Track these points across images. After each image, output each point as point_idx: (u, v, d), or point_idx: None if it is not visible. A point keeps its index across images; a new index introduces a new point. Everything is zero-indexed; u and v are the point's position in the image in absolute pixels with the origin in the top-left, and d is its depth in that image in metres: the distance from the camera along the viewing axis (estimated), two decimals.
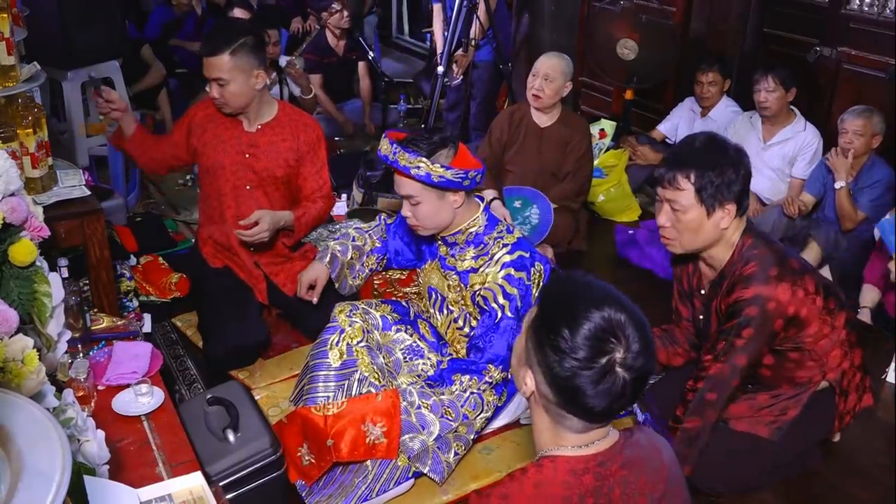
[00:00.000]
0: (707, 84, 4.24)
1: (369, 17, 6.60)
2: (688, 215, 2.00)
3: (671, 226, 2.05)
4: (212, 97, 2.62)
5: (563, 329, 1.16)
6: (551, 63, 3.58)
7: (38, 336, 1.47)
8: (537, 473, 1.22)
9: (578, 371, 1.14)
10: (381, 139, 2.16)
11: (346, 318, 2.27)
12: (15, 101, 2.28)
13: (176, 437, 1.71)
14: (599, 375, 1.14)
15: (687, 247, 2.07)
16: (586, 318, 1.15)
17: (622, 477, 1.23)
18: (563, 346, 1.15)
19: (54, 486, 0.95)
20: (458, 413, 2.11)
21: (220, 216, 2.79)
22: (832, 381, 2.18)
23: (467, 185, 2.12)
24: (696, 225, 2.01)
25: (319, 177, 2.81)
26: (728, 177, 1.96)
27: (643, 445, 1.29)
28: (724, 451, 2.15)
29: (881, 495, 2.26)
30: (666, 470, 1.29)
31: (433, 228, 2.22)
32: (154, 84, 5.03)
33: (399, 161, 2.08)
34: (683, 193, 1.99)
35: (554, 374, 1.17)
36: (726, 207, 1.99)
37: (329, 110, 5.19)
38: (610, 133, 4.69)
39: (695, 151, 2.01)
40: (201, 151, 2.74)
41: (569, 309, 1.17)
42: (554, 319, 1.18)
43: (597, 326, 1.14)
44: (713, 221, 2.00)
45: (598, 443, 1.24)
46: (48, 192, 2.35)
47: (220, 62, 2.53)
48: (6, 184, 1.48)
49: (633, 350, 1.15)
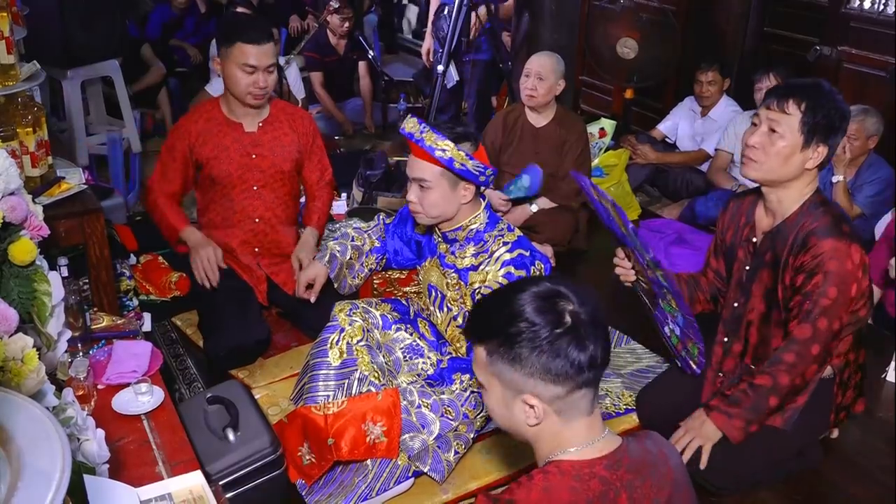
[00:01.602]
0: (707, 83, 4.24)
1: (369, 16, 6.61)
2: (784, 140, 2.01)
3: (761, 148, 2.05)
4: (257, 88, 2.60)
5: (512, 329, 1.19)
6: (542, 62, 3.59)
7: (37, 335, 1.47)
8: (544, 479, 1.22)
9: (555, 341, 1.18)
10: (406, 119, 2.15)
11: (346, 317, 2.27)
12: (15, 100, 2.28)
13: (176, 437, 1.71)
14: (573, 333, 1.19)
15: (767, 174, 2.07)
16: (520, 305, 1.20)
17: (628, 481, 1.23)
18: (527, 336, 1.18)
19: (54, 484, 0.95)
20: (459, 412, 2.11)
21: (223, 220, 2.79)
22: (835, 369, 2.18)
23: (483, 180, 2.14)
24: (788, 153, 2.02)
25: (321, 164, 2.89)
26: (834, 121, 1.99)
27: (650, 450, 1.30)
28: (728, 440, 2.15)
29: (881, 495, 2.26)
30: (672, 475, 1.29)
31: (435, 218, 2.20)
32: (154, 83, 5.04)
33: (424, 140, 2.07)
34: (789, 118, 2.00)
35: (544, 364, 1.19)
36: (819, 149, 2.01)
37: (329, 109, 5.19)
38: (610, 132, 4.69)
39: (812, 86, 2.04)
40: (205, 164, 2.71)
41: (502, 317, 1.21)
42: (500, 333, 1.21)
43: (535, 302, 1.20)
44: (803, 156, 2.02)
45: (600, 442, 1.25)
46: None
47: (271, 48, 2.60)
48: (6, 183, 1.48)
49: (573, 291, 1.22)
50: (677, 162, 4.37)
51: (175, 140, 2.73)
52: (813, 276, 2.00)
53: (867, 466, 2.37)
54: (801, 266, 2.03)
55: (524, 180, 3.59)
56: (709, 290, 2.40)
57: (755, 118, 2.10)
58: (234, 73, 2.59)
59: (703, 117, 4.37)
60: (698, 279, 2.42)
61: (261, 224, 2.80)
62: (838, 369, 2.19)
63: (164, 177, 2.76)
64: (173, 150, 2.73)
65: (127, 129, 4.12)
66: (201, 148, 2.70)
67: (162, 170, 2.77)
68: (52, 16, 3.44)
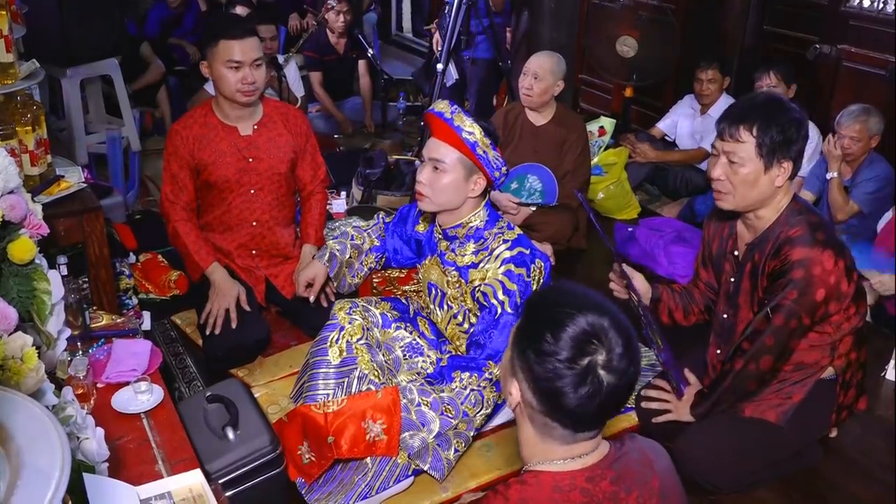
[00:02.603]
0: (707, 81, 4.24)
1: (368, 14, 6.60)
2: (745, 168, 2.00)
3: (726, 179, 2.04)
4: (246, 84, 2.57)
5: (546, 333, 1.16)
6: (540, 62, 3.59)
7: (37, 334, 1.47)
8: (521, 490, 1.20)
9: (560, 372, 1.14)
10: (436, 101, 2.18)
11: (346, 316, 2.27)
12: (14, 99, 2.28)
13: (175, 435, 1.71)
14: (581, 378, 1.14)
15: (739, 202, 2.06)
16: (569, 322, 1.15)
17: (612, 493, 1.20)
18: (546, 349, 1.15)
19: (53, 483, 0.95)
20: (458, 410, 2.11)
21: (220, 224, 2.78)
22: (837, 370, 2.18)
23: (497, 175, 2.15)
24: (753, 179, 2.01)
25: (314, 162, 2.87)
26: (790, 134, 1.96)
27: (634, 459, 1.26)
28: (727, 440, 2.16)
29: (881, 493, 2.26)
30: (658, 481, 1.26)
31: (439, 205, 2.20)
32: (153, 81, 5.04)
33: (454, 120, 2.09)
34: (744, 146, 1.99)
35: (536, 377, 1.17)
36: (783, 165, 1.99)
37: (328, 108, 5.19)
38: (609, 130, 4.69)
39: (759, 107, 2.01)
40: (203, 169, 2.68)
41: (552, 315, 1.18)
42: (537, 326, 1.18)
43: (579, 329, 1.15)
44: (769, 177, 2.00)
45: (585, 456, 1.22)
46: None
47: (255, 42, 2.58)
48: (5, 181, 1.48)
49: (615, 353, 1.15)
50: (677, 160, 4.37)
51: (177, 145, 2.68)
52: (779, 278, 2.03)
53: (866, 465, 2.37)
54: (772, 271, 2.05)
55: (532, 182, 3.58)
56: (702, 300, 2.41)
57: (713, 149, 2.09)
58: (221, 73, 2.57)
59: (702, 115, 4.37)
60: (691, 291, 2.43)
61: (258, 227, 2.79)
62: (840, 370, 2.19)
63: (176, 184, 2.69)
64: (177, 154, 2.68)
65: (126, 128, 4.11)
66: (199, 153, 2.67)
67: (171, 178, 2.70)
68: (51, 14, 3.44)
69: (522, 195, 3.62)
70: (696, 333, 2.44)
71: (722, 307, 2.28)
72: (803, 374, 2.16)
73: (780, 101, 2.04)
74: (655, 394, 2.35)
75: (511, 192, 3.61)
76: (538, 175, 3.61)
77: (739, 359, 2.12)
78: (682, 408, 2.28)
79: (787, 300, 2.00)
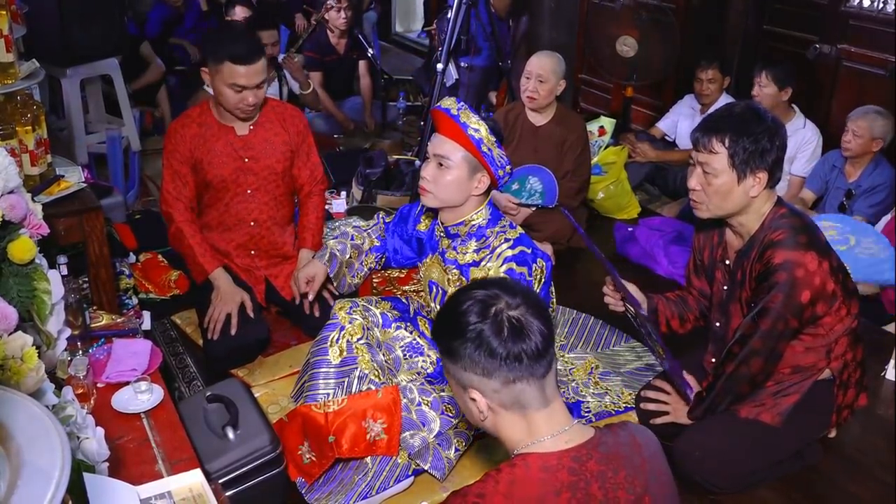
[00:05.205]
0: (707, 81, 4.24)
1: (368, 13, 6.60)
2: (718, 179, 2.01)
3: (701, 189, 2.06)
4: (246, 104, 2.57)
5: (449, 327, 1.29)
6: (542, 63, 3.57)
7: (37, 333, 1.47)
8: (511, 472, 1.23)
9: (480, 334, 1.24)
10: (443, 98, 2.19)
11: (347, 315, 2.27)
12: (14, 99, 2.28)
13: (175, 435, 1.71)
14: (497, 325, 1.24)
15: (714, 211, 2.08)
16: (466, 308, 1.28)
17: (599, 472, 1.24)
18: (458, 332, 1.26)
19: (53, 483, 0.95)
20: (459, 409, 2.11)
21: (218, 224, 2.78)
22: (834, 371, 2.18)
23: (501, 174, 2.15)
24: (726, 190, 2.02)
25: (311, 162, 2.86)
26: (762, 145, 1.97)
27: (623, 442, 1.30)
28: (726, 440, 2.16)
29: (881, 492, 2.26)
30: (647, 465, 1.29)
31: (442, 202, 2.20)
32: (153, 81, 5.04)
33: (461, 116, 2.10)
34: (716, 157, 2.00)
35: (474, 362, 1.24)
36: (758, 175, 1.99)
37: (328, 108, 5.19)
38: (609, 130, 4.68)
39: (732, 117, 2.02)
40: (200, 168, 2.68)
41: (453, 321, 1.29)
42: (450, 340, 1.29)
43: (474, 301, 1.27)
44: (743, 188, 2.01)
45: (566, 433, 1.26)
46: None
47: (261, 66, 2.55)
48: (5, 181, 1.48)
49: (515, 300, 1.27)
50: (677, 160, 4.37)
51: (176, 144, 2.67)
52: (764, 282, 2.03)
53: (866, 464, 2.37)
54: (757, 275, 2.06)
55: (533, 183, 3.58)
56: (697, 307, 2.41)
57: (691, 158, 2.11)
58: (222, 90, 2.56)
59: (702, 115, 4.35)
60: (686, 298, 2.43)
61: (256, 227, 2.79)
62: (837, 371, 2.19)
63: (178, 181, 2.69)
64: (177, 151, 2.67)
65: (126, 128, 4.11)
66: (197, 152, 2.67)
67: (172, 176, 2.69)
68: (51, 14, 3.44)
69: (523, 196, 3.62)
70: (694, 338, 2.44)
71: (715, 315, 2.29)
72: (801, 376, 2.16)
73: (755, 111, 2.03)
74: (654, 395, 2.36)
75: (511, 193, 3.61)
76: (539, 177, 3.61)
77: (730, 362, 2.12)
78: (680, 410, 2.28)
79: (773, 303, 2.00)
